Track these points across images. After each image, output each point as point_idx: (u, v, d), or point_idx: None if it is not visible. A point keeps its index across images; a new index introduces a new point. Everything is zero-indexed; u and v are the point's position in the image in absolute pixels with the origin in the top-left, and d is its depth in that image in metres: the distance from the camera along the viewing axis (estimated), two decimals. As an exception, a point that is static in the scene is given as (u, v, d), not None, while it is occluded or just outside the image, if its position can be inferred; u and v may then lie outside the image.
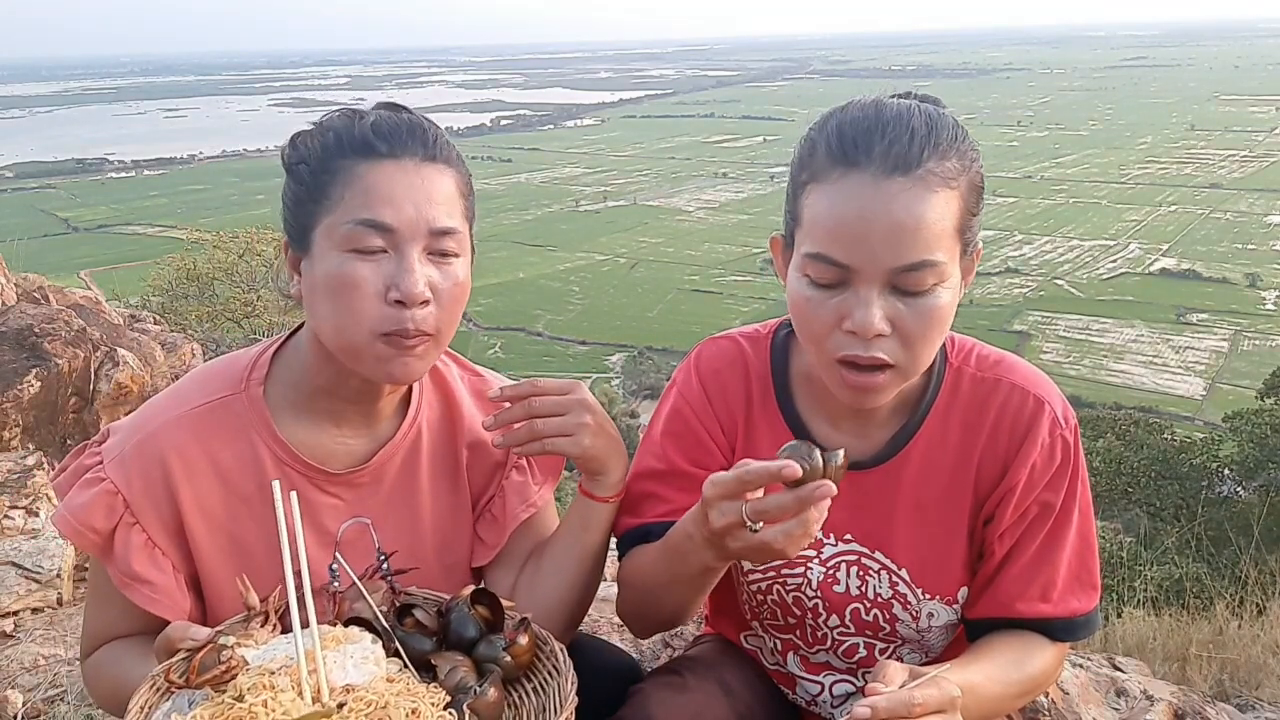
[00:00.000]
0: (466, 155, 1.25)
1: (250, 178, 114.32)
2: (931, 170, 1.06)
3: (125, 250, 71.88)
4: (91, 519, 1.15)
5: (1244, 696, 2.57)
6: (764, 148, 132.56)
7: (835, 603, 1.29)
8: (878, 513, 1.26)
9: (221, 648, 0.96)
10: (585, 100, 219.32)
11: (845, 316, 1.08)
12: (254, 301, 11.60)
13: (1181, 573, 5.54)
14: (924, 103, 1.16)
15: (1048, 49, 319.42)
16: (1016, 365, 1.27)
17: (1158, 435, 11.96)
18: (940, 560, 1.25)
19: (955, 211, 1.08)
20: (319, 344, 1.19)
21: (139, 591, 1.16)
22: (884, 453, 1.25)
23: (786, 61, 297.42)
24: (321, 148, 1.14)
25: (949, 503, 1.25)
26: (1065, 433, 1.22)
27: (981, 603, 1.25)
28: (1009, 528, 1.22)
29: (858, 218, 1.05)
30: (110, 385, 3.54)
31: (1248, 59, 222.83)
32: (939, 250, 1.06)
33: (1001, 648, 1.20)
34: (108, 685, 1.20)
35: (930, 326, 1.09)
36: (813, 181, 1.10)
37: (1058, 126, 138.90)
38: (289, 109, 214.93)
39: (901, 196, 1.04)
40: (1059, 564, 1.22)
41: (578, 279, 74.70)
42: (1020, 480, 1.21)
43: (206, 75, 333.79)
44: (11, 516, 2.89)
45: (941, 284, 1.08)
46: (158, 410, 1.20)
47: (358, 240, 1.10)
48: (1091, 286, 68.14)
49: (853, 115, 1.11)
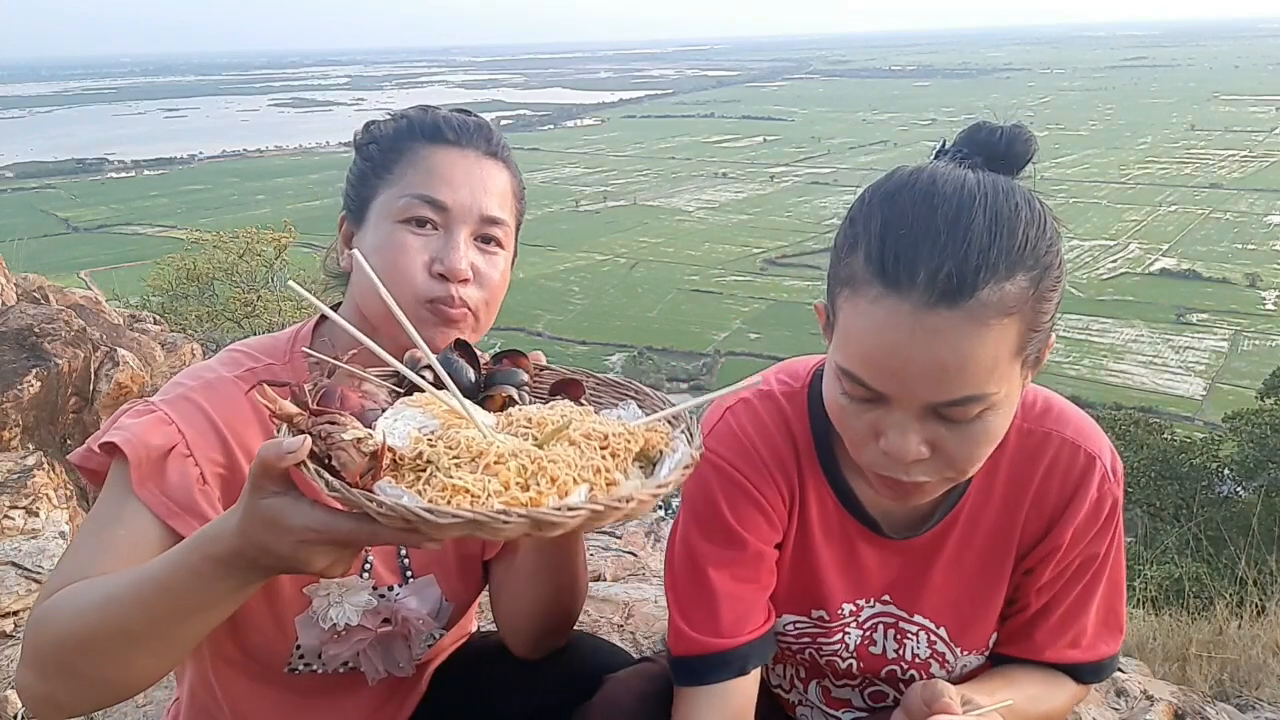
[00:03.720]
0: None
1: (250, 178, 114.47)
2: (985, 300, 0.89)
3: (125, 250, 71.83)
4: (146, 435, 1.08)
5: (1244, 696, 2.57)
6: (764, 148, 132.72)
7: (870, 663, 1.25)
8: (918, 574, 1.21)
9: (359, 440, 0.83)
10: (585, 100, 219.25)
11: (881, 434, 0.99)
12: (254, 301, 11.62)
13: (1181, 573, 5.54)
14: (1002, 162, 0.99)
15: (1048, 49, 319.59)
16: (1065, 415, 1.17)
17: (1158, 435, 11.97)
18: (979, 616, 1.21)
19: (1013, 337, 0.92)
20: (358, 324, 1.20)
21: (187, 522, 1.06)
22: (930, 518, 1.19)
23: (786, 61, 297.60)
24: (394, 131, 1.22)
25: (991, 558, 1.20)
26: (1113, 487, 1.16)
27: (1013, 647, 1.22)
28: (1048, 583, 1.18)
29: (893, 351, 0.91)
30: (110, 385, 3.54)
31: (1248, 59, 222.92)
32: (990, 384, 0.93)
33: (1025, 682, 1.18)
34: (81, 603, 0.96)
35: (975, 449, 0.99)
36: (849, 288, 0.96)
37: (1058, 126, 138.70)
38: (289, 109, 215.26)
39: (947, 333, 0.89)
40: (1090, 612, 1.20)
41: (578, 279, 74.65)
42: (1065, 539, 1.16)
43: (206, 75, 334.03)
44: (11, 516, 2.89)
45: (991, 409, 0.96)
46: (205, 370, 1.18)
47: (412, 211, 1.17)
48: (1091, 286, 68.06)
49: (901, 212, 0.93)
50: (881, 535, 1.19)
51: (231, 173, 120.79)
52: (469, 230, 1.19)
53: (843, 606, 1.23)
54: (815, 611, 1.23)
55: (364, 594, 1.21)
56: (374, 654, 1.28)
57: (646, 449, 0.92)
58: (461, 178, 1.19)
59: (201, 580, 0.91)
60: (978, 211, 0.90)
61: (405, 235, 1.17)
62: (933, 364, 0.90)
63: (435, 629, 1.33)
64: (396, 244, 1.16)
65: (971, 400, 0.93)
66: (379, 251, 1.17)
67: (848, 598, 1.22)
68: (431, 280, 1.16)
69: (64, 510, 3.02)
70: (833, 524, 1.20)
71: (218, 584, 0.91)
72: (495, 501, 0.79)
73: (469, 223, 1.19)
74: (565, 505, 0.79)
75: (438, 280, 1.16)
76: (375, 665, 1.29)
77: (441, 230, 1.18)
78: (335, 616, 1.19)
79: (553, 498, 0.81)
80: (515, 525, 0.76)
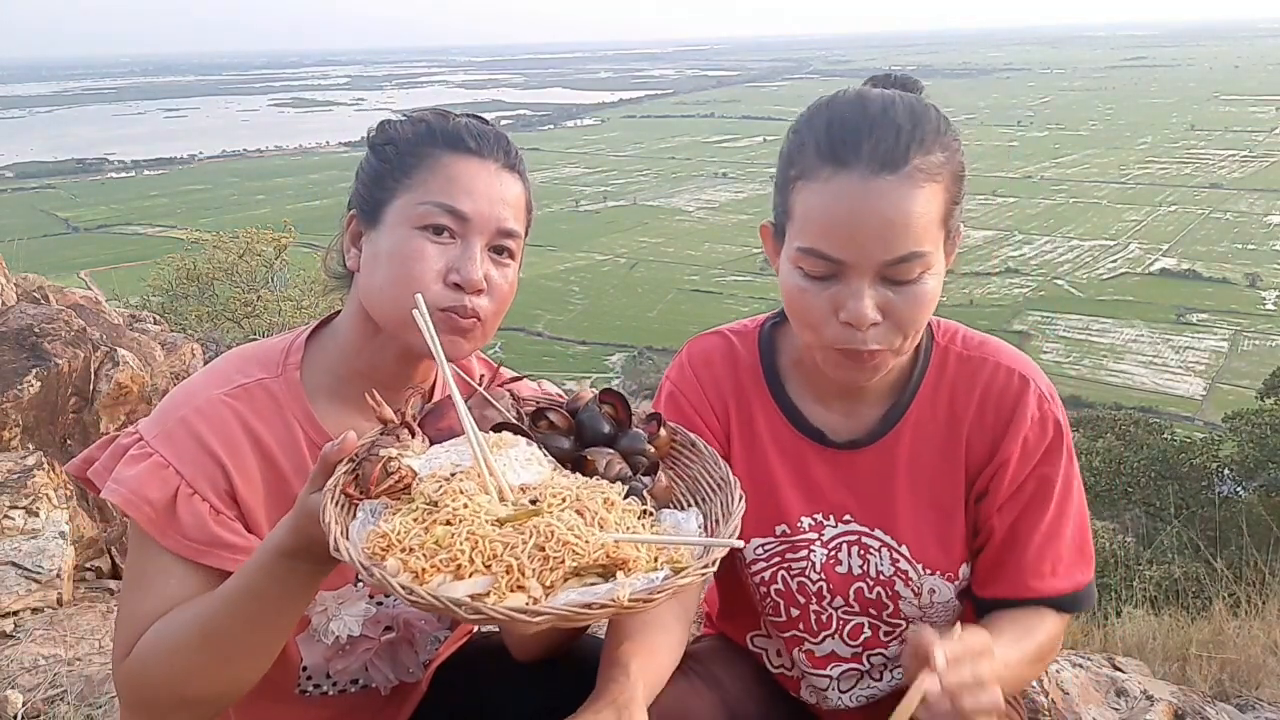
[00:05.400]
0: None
1: (250, 178, 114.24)
2: (918, 166, 1.10)
3: (125, 250, 71.80)
4: (145, 490, 1.12)
5: (1244, 696, 2.57)
6: (764, 148, 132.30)
7: (838, 583, 1.32)
8: (875, 491, 1.30)
9: (388, 459, 0.96)
10: (585, 100, 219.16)
11: (839, 307, 1.13)
12: (254, 301, 11.61)
13: (1181, 572, 5.54)
14: (904, 89, 1.20)
15: (1048, 49, 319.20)
16: (1001, 347, 1.32)
17: (1158, 435, 11.99)
18: (939, 536, 1.29)
19: (940, 203, 1.13)
20: (360, 326, 1.23)
21: (220, 556, 1.12)
22: (876, 431, 1.30)
23: (786, 61, 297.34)
24: (414, 134, 1.23)
25: (942, 478, 1.29)
26: (1053, 407, 1.27)
27: (995, 583, 1.28)
28: (1006, 503, 1.26)
29: (848, 216, 1.10)
30: (110, 385, 3.54)
31: (1248, 59, 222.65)
32: (926, 242, 1.11)
33: (1009, 624, 1.23)
34: (189, 633, 1.07)
35: (919, 311, 1.14)
36: (803, 179, 1.14)
37: (1058, 126, 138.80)
38: (289, 109, 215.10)
39: (890, 194, 1.09)
40: (1064, 538, 1.26)
41: (578, 279, 74.65)
42: (1013, 455, 1.25)
43: (206, 75, 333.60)
44: (11, 516, 2.89)
45: (928, 271, 1.13)
46: (196, 389, 1.19)
47: (431, 219, 1.17)
48: (1091, 286, 68.08)
49: (839, 112, 1.15)
50: (828, 445, 1.31)
51: (231, 173, 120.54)
52: (485, 241, 1.20)
53: (802, 520, 1.32)
54: (778, 527, 1.33)
55: (361, 603, 1.21)
56: (382, 663, 1.28)
57: (614, 564, 0.91)
58: (482, 189, 1.20)
59: (275, 575, 1.02)
60: (899, 106, 1.13)
61: (423, 243, 1.17)
62: (882, 222, 1.09)
63: (439, 630, 1.34)
64: (414, 251, 1.17)
65: (914, 256, 1.10)
66: (394, 256, 1.18)
67: (805, 511, 1.32)
68: (446, 289, 1.17)
69: (64, 510, 3.01)
70: (783, 440, 1.33)
71: (289, 577, 1.02)
72: (414, 559, 0.87)
73: (485, 234, 1.20)
74: (423, 591, 0.84)
75: (452, 289, 1.17)
76: (385, 674, 1.29)
77: (459, 240, 1.19)
78: (336, 629, 1.19)
79: (445, 580, 0.86)
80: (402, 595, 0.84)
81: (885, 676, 1.39)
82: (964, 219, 1.21)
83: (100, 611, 2.77)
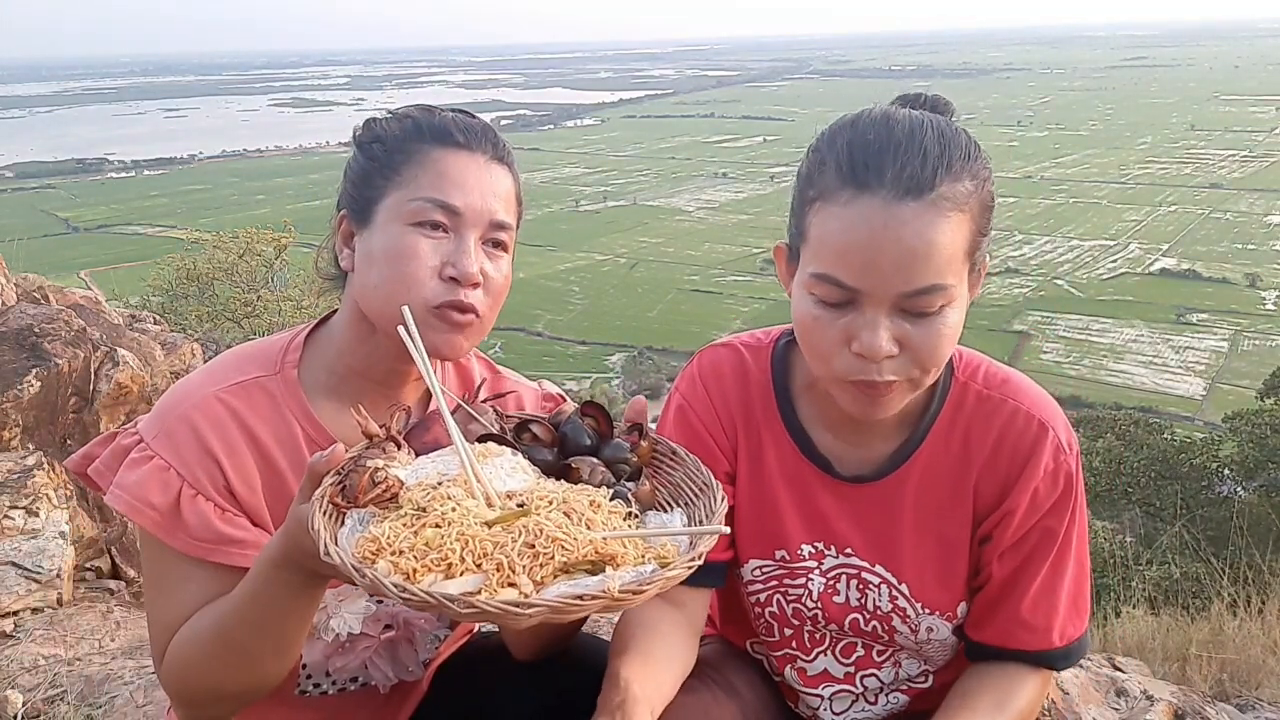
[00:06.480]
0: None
1: (250, 178, 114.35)
2: (944, 194, 1.04)
3: (125, 250, 71.78)
4: (148, 494, 1.13)
5: (1244, 696, 2.57)
6: (764, 148, 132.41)
7: (835, 613, 1.30)
8: (879, 527, 1.27)
9: (375, 469, 0.98)
10: (585, 100, 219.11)
11: (853, 338, 1.07)
12: (254, 301, 11.62)
13: (1180, 573, 5.54)
14: (934, 111, 1.14)
15: (1048, 49, 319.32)
16: (1023, 387, 1.25)
17: (1158, 435, 11.97)
18: (940, 575, 1.26)
19: (966, 234, 1.06)
20: (356, 325, 1.23)
21: (229, 552, 1.14)
22: (886, 466, 1.26)
23: (786, 61, 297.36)
24: (400, 130, 1.22)
25: (949, 517, 1.25)
26: (1068, 459, 1.22)
27: (987, 627, 1.25)
28: (1007, 551, 1.22)
29: (867, 243, 1.03)
30: (110, 385, 3.53)
31: (1248, 59, 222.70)
32: (948, 275, 1.05)
33: (990, 691, 1.21)
34: (208, 639, 1.11)
35: (939, 345, 1.08)
36: (821, 200, 1.08)
37: (1058, 126, 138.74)
38: (289, 109, 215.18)
39: (913, 222, 1.03)
40: (1060, 593, 1.23)
41: (578, 279, 74.61)
42: (1020, 506, 1.21)
43: (206, 75, 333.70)
44: (11, 516, 2.89)
45: (950, 305, 1.07)
46: (194, 387, 1.19)
47: (424, 215, 1.17)
48: (1091, 286, 68.07)
49: (863, 133, 1.08)
50: (835, 477, 1.27)
51: (231, 173, 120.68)
52: (479, 234, 1.20)
53: (802, 548, 1.29)
54: (778, 552, 1.30)
55: (362, 600, 1.21)
56: (381, 661, 1.28)
57: (603, 559, 0.92)
58: (473, 182, 1.19)
59: (271, 584, 1.03)
60: (928, 129, 1.06)
61: (417, 239, 1.17)
62: (903, 251, 1.02)
63: (439, 629, 1.33)
64: (408, 248, 1.17)
65: (935, 289, 1.04)
66: (388, 254, 1.17)
67: (806, 539, 1.29)
68: (442, 284, 1.17)
69: (64, 510, 3.02)
70: (790, 466, 1.29)
71: (286, 587, 1.03)
72: (404, 560, 0.88)
73: (479, 227, 1.19)
74: (422, 590, 0.85)
75: (449, 284, 1.17)
76: (385, 672, 1.29)
77: (452, 234, 1.18)
78: (336, 626, 1.19)
79: (436, 580, 0.88)
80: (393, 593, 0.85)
81: (880, 700, 1.37)
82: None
83: (100, 611, 2.77)
